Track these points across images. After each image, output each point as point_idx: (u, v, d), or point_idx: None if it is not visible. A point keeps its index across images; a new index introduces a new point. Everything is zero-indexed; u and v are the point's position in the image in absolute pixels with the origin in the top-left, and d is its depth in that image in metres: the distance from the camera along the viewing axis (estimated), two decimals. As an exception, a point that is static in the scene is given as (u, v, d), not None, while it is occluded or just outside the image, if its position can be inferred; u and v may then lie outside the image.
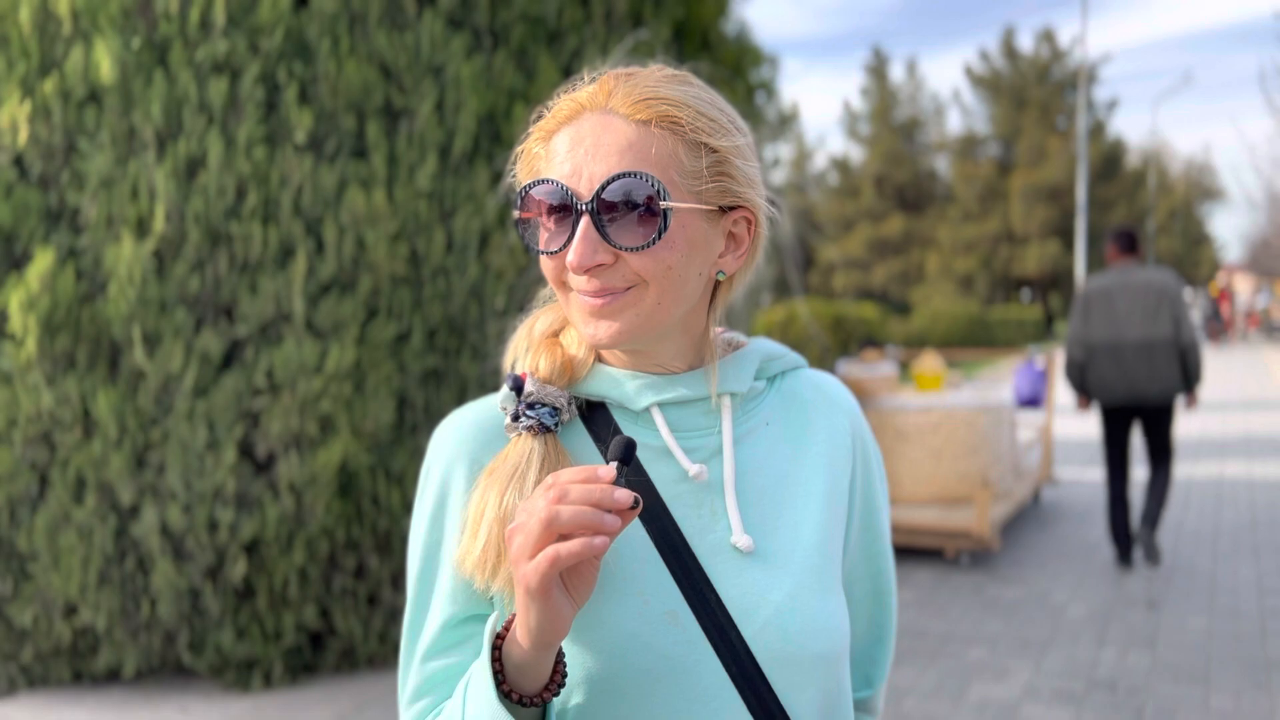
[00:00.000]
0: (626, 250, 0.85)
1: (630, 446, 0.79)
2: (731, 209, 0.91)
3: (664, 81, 0.89)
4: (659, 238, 0.85)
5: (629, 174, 0.84)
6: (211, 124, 3.60)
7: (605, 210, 0.84)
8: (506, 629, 0.82)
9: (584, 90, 0.90)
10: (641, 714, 0.86)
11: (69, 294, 3.54)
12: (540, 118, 0.92)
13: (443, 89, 3.84)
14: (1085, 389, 5.47)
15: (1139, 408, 5.32)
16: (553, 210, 0.87)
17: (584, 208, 0.84)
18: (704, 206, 0.88)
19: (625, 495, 0.74)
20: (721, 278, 0.93)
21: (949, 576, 5.51)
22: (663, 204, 0.84)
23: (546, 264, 0.90)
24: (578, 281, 0.88)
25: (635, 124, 0.86)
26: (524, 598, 0.76)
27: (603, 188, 0.84)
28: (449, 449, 0.95)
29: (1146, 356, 5.14)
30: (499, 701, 0.79)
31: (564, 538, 0.74)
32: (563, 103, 0.90)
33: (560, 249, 0.87)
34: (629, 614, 0.87)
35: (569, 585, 0.77)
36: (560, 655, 0.83)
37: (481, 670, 0.80)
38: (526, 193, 0.88)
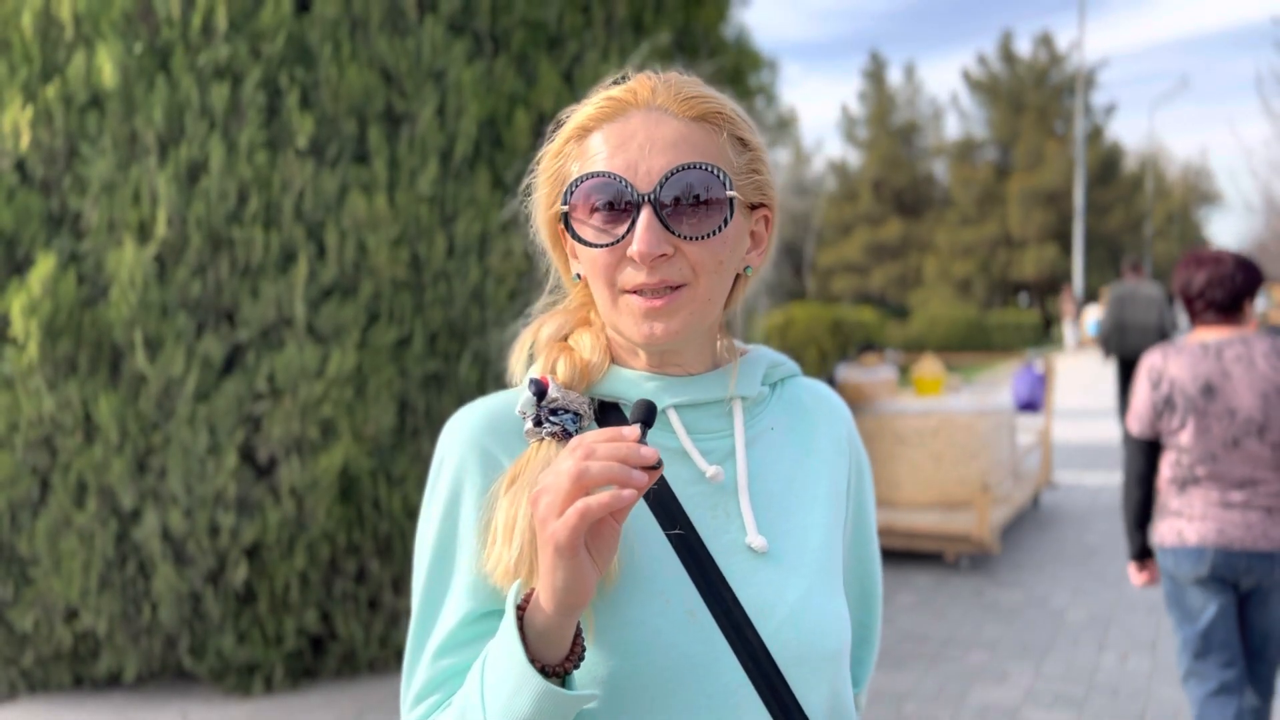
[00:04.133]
0: (689, 240, 0.87)
1: (651, 408, 0.80)
2: (756, 206, 0.94)
3: (697, 83, 0.92)
4: (724, 226, 0.87)
5: (695, 165, 0.86)
6: (213, 129, 3.61)
7: (668, 201, 0.86)
8: (527, 600, 0.82)
9: (622, 90, 0.91)
10: (663, 711, 0.87)
11: (70, 298, 3.55)
12: (559, 124, 0.93)
13: (444, 94, 3.84)
14: (1107, 348, 9.16)
15: (1136, 359, 9.10)
16: (603, 205, 0.88)
17: (646, 198, 0.86)
18: (747, 201, 0.92)
19: (650, 451, 0.75)
20: (750, 273, 0.96)
21: (949, 580, 5.51)
22: (729, 193, 0.87)
23: (599, 259, 0.90)
24: (631, 278, 0.88)
25: (687, 120, 0.89)
26: (552, 557, 0.76)
27: (666, 178, 0.86)
28: (461, 443, 0.94)
29: (1142, 334, 8.88)
30: (527, 664, 0.77)
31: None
32: (600, 101, 0.91)
33: (615, 242, 0.88)
34: (652, 613, 0.88)
35: (591, 548, 0.78)
36: (579, 629, 0.83)
37: (508, 636, 0.80)
38: (575, 188, 0.89)
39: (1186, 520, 2.74)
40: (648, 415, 0.80)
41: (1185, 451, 2.72)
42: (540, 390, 0.90)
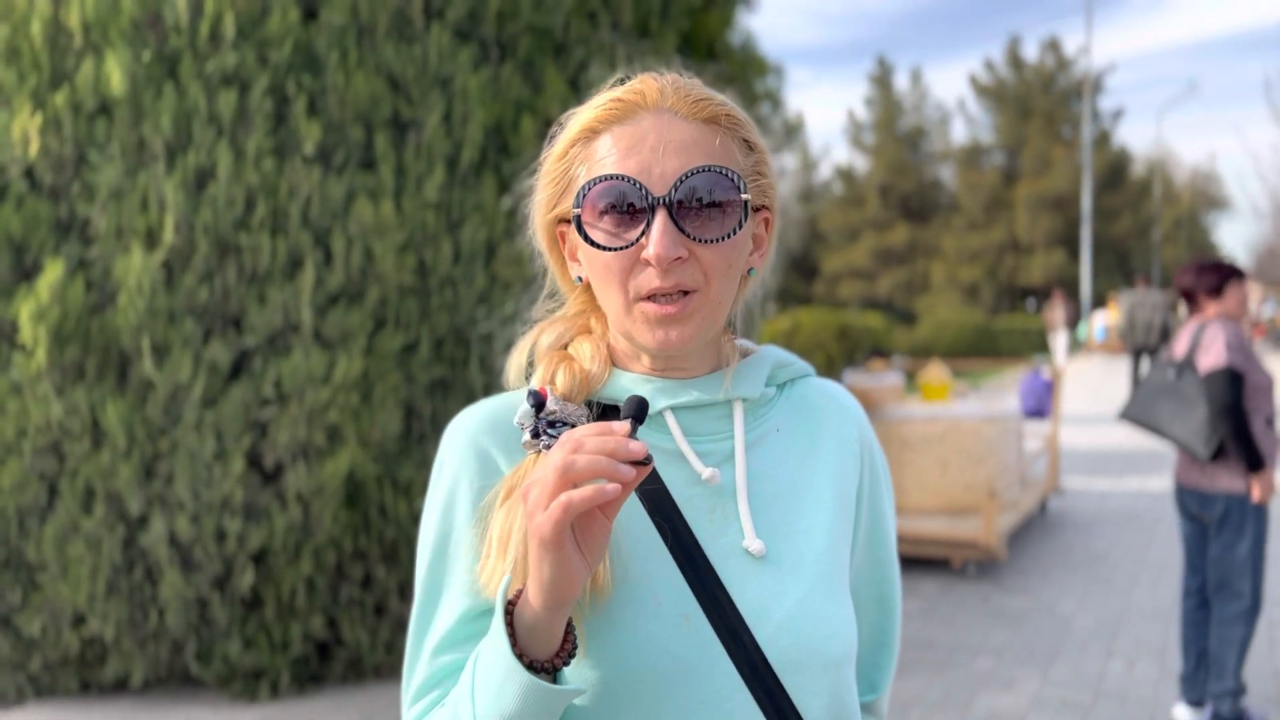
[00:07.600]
0: (704, 243, 0.86)
1: (643, 404, 0.80)
2: (759, 209, 0.94)
3: (701, 84, 0.92)
4: (739, 229, 0.87)
5: (709, 168, 0.86)
6: (221, 136, 3.63)
7: (682, 204, 0.85)
8: (519, 596, 0.82)
9: (629, 91, 0.90)
10: (656, 715, 0.86)
11: (78, 305, 3.56)
12: (562, 126, 0.93)
13: (450, 100, 3.86)
14: (1124, 342, 12.53)
15: (1144, 350, 12.62)
16: (614, 209, 0.86)
17: (661, 201, 0.85)
18: (754, 204, 0.92)
19: (639, 445, 0.75)
20: (753, 274, 0.96)
21: (955, 586, 5.49)
22: (744, 196, 0.87)
23: (612, 264, 0.88)
24: (645, 282, 0.87)
25: (697, 123, 0.88)
26: (538, 550, 0.76)
27: (681, 181, 0.85)
28: (460, 443, 0.95)
29: (1147, 330, 12.38)
30: (513, 658, 0.78)
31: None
32: (607, 103, 0.90)
33: (628, 246, 0.86)
34: (643, 615, 0.87)
35: (581, 543, 0.78)
36: (570, 625, 0.83)
37: (496, 631, 0.80)
38: (587, 191, 0.87)
39: None
40: (639, 411, 0.80)
41: None
42: (539, 402, 0.89)
